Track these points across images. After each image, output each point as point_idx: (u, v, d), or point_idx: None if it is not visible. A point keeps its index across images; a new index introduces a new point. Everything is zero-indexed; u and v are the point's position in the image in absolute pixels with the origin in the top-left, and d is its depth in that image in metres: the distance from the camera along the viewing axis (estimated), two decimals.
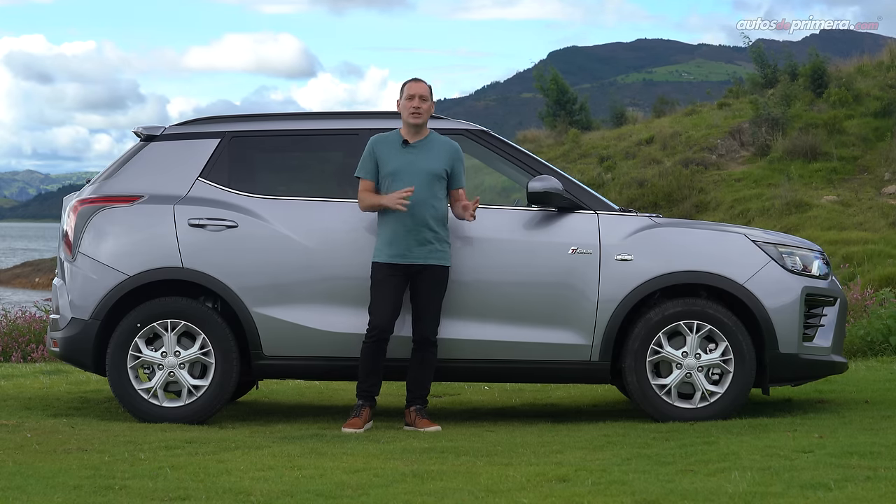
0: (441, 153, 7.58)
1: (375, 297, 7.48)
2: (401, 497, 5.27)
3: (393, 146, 7.56)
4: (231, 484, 5.56)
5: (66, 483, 5.57)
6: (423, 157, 7.54)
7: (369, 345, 7.48)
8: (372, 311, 7.48)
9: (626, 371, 7.63)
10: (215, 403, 7.73)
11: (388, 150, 7.53)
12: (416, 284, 7.50)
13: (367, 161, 7.54)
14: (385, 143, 7.56)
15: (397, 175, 7.48)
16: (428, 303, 7.50)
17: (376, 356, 7.50)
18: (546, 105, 43.37)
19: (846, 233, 25.09)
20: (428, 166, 7.52)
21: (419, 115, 7.53)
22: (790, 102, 31.67)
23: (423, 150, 7.56)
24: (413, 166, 7.50)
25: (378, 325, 7.46)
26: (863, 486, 5.25)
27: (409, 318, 7.59)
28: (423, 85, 7.60)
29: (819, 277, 7.86)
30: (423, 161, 7.53)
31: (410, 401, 7.61)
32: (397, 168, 7.49)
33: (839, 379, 9.37)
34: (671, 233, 7.83)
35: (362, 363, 7.52)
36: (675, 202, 29.69)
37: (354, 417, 7.48)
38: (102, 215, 7.88)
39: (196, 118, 8.28)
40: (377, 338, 7.47)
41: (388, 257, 7.45)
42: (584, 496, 5.22)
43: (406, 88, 7.60)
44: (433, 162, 7.54)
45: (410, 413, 7.60)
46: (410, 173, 7.49)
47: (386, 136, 7.62)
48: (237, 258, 7.73)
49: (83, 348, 7.80)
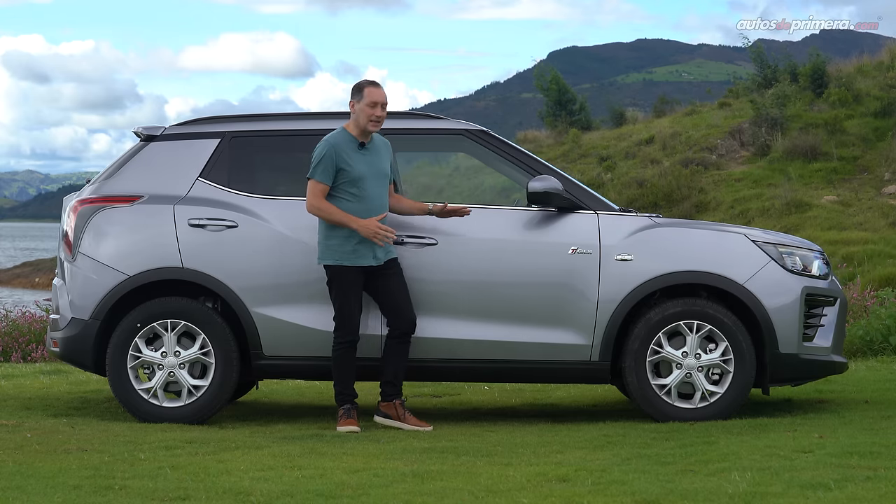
0: (384, 153, 7.61)
1: (346, 303, 7.45)
2: (401, 497, 5.27)
3: (352, 148, 7.48)
4: (231, 484, 5.56)
5: (66, 483, 5.57)
6: (377, 158, 7.55)
7: (343, 350, 7.48)
8: (344, 316, 7.45)
9: (626, 371, 7.63)
10: (215, 403, 7.73)
11: (349, 155, 7.45)
12: (383, 281, 7.49)
13: (329, 165, 7.41)
14: (344, 147, 7.45)
15: (365, 179, 7.45)
16: (404, 291, 7.52)
17: (351, 360, 7.51)
18: (546, 105, 43.40)
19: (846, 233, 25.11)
20: (383, 168, 7.56)
21: (379, 123, 7.50)
22: (786, 102, 31.68)
23: (374, 152, 7.56)
24: (374, 168, 7.50)
25: (352, 329, 7.46)
26: (863, 486, 5.25)
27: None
28: (384, 92, 7.54)
29: (819, 277, 7.86)
30: (378, 163, 7.54)
31: (393, 394, 7.58)
32: (363, 172, 7.45)
33: (839, 379, 9.37)
34: (671, 233, 7.82)
35: (341, 370, 7.51)
36: (675, 202, 29.71)
37: (348, 418, 7.47)
38: (102, 215, 7.88)
39: (196, 118, 8.28)
40: (350, 342, 7.48)
41: (356, 261, 7.43)
42: (584, 496, 5.22)
43: (367, 94, 7.48)
44: (384, 162, 7.58)
45: (395, 407, 7.57)
46: (374, 176, 7.49)
47: (339, 138, 7.49)
48: (237, 258, 7.73)
49: (83, 348, 7.80)
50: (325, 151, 7.43)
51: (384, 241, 7.37)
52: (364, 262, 7.44)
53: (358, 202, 7.45)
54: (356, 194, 7.45)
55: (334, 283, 7.48)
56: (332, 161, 7.42)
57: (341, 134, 7.53)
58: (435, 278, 7.65)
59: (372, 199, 7.47)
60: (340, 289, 7.47)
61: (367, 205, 7.46)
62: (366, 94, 7.50)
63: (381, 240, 7.35)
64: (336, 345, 7.49)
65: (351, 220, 7.38)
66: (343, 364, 7.50)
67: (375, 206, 7.47)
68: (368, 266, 7.46)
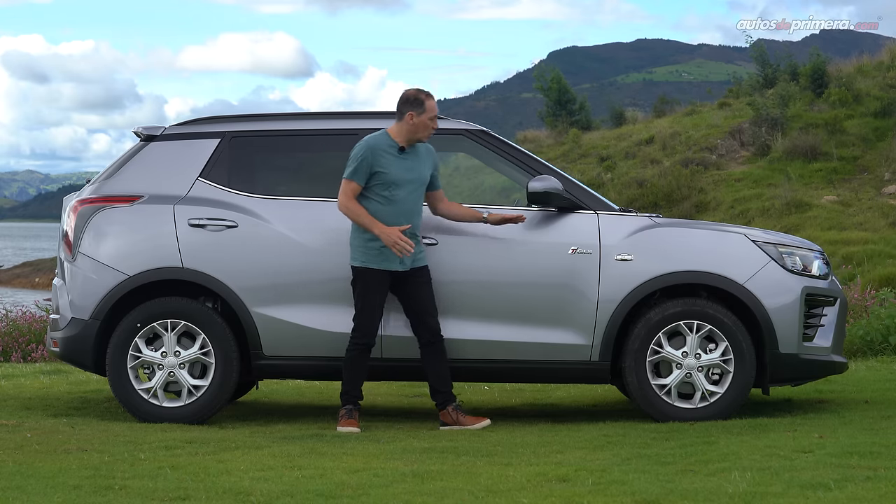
0: (426, 159, 7.59)
1: (367, 305, 7.44)
2: (401, 497, 5.27)
3: (389, 153, 7.48)
4: (231, 484, 5.56)
5: (66, 483, 5.57)
6: (416, 164, 7.54)
7: (358, 352, 7.48)
8: (363, 318, 7.45)
9: (626, 371, 7.63)
10: (215, 403, 7.73)
11: (387, 158, 7.45)
12: (409, 288, 7.50)
13: (363, 166, 7.42)
14: (383, 151, 7.45)
15: (399, 185, 7.45)
16: (429, 298, 7.51)
17: (364, 362, 7.51)
18: (546, 105, 43.41)
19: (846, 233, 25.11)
20: (422, 174, 7.54)
21: (433, 133, 7.58)
22: (787, 102, 31.68)
23: (414, 158, 7.55)
24: (411, 174, 7.49)
25: (369, 332, 7.46)
26: (863, 486, 5.25)
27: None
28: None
29: (819, 277, 7.86)
30: (417, 168, 7.52)
31: (444, 401, 7.58)
32: (398, 177, 7.44)
33: (839, 379, 9.37)
34: (671, 233, 7.82)
35: (351, 371, 7.50)
36: (675, 202, 29.71)
37: (349, 419, 7.47)
38: (102, 215, 7.88)
39: (196, 118, 8.28)
40: (366, 344, 7.47)
41: (381, 264, 7.43)
42: (584, 496, 5.22)
43: (429, 107, 7.49)
44: (424, 169, 7.56)
45: (450, 413, 7.57)
46: (410, 182, 7.48)
47: (379, 141, 7.49)
48: (237, 258, 7.73)
49: (83, 348, 7.80)
50: (363, 153, 7.43)
51: (401, 253, 7.36)
52: (390, 267, 7.43)
53: (389, 206, 7.44)
54: (388, 198, 7.44)
55: (358, 283, 7.47)
56: (367, 163, 7.42)
57: (382, 137, 7.51)
58: (435, 278, 7.64)
59: (403, 203, 7.45)
60: (363, 290, 7.46)
61: (398, 209, 7.44)
62: (427, 107, 7.49)
63: (399, 251, 7.34)
64: (351, 345, 7.48)
65: (374, 225, 7.37)
66: (354, 365, 7.50)
67: (406, 212, 7.46)
68: (396, 271, 7.46)
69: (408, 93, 7.58)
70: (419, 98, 7.51)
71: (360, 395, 7.55)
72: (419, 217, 7.55)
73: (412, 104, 7.50)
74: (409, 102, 7.51)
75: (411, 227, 7.47)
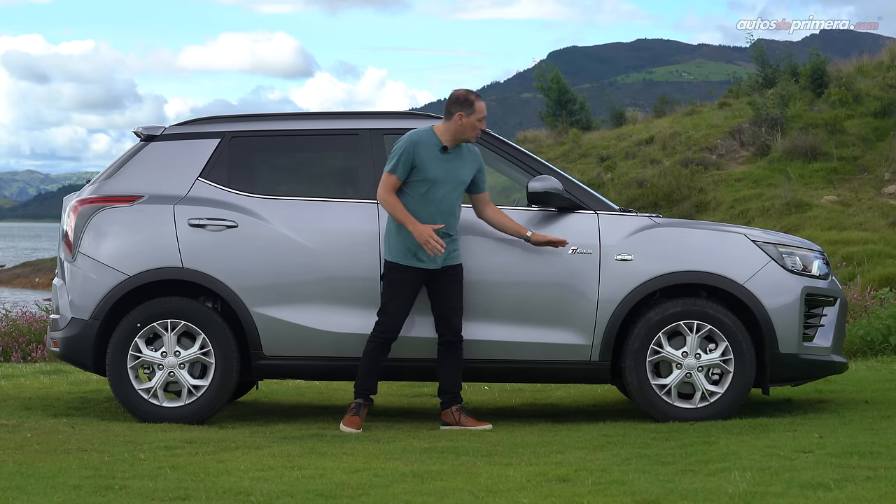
0: (469, 161, 7.57)
1: (394, 299, 7.44)
2: (401, 497, 5.27)
3: (433, 151, 7.45)
4: (231, 484, 5.56)
5: (66, 483, 5.57)
6: (458, 165, 7.51)
7: (377, 345, 7.46)
8: (388, 311, 7.44)
9: (626, 371, 7.63)
10: (215, 403, 7.73)
11: (429, 156, 7.43)
12: (439, 285, 7.49)
13: (405, 161, 7.40)
14: (425, 148, 7.43)
15: (437, 184, 7.44)
16: (456, 300, 7.51)
17: (382, 356, 7.50)
18: (546, 105, 43.42)
19: (846, 233, 25.11)
20: (462, 176, 7.52)
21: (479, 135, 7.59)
22: (787, 102, 31.68)
23: (457, 158, 7.52)
24: (451, 175, 7.47)
25: (392, 327, 7.45)
26: (863, 486, 5.25)
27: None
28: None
29: (819, 277, 7.86)
30: (458, 170, 7.50)
31: (449, 401, 7.58)
32: (438, 177, 7.43)
33: (839, 379, 9.37)
34: (671, 233, 7.82)
35: (366, 362, 7.50)
36: (675, 202, 29.71)
37: (355, 415, 7.47)
38: (102, 215, 7.88)
39: (196, 118, 8.28)
40: (387, 339, 7.46)
41: (415, 261, 7.43)
42: (584, 496, 5.22)
43: (479, 108, 7.48)
44: (465, 171, 7.53)
45: (453, 413, 7.57)
46: (449, 182, 7.46)
47: (423, 137, 7.47)
48: (237, 258, 7.73)
49: (83, 348, 7.80)
50: (405, 148, 7.42)
51: (431, 253, 7.35)
52: (421, 264, 7.43)
53: (425, 203, 7.43)
54: (424, 195, 7.43)
55: (388, 277, 7.47)
56: (409, 158, 7.41)
57: (427, 134, 7.50)
58: None
59: (439, 203, 7.44)
60: (392, 285, 7.46)
61: (433, 208, 7.43)
62: (477, 108, 7.48)
63: (430, 250, 7.33)
64: (372, 337, 7.47)
65: (409, 221, 7.37)
66: (371, 358, 7.48)
67: (442, 211, 7.45)
68: (432, 270, 7.45)
69: (457, 93, 7.57)
70: (469, 99, 7.51)
71: (372, 390, 7.54)
72: (455, 217, 7.52)
73: (462, 104, 7.49)
74: (458, 102, 7.50)
75: (445, 227, 7.45)
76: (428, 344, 7.60)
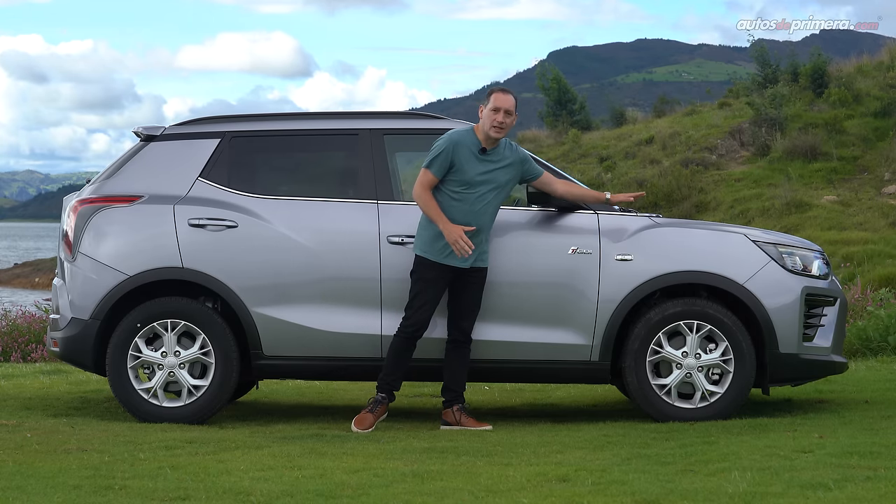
0: (510, 162, 7.53)
1: (422, 294, 7.42)
2: (401, 497, 5.27)
3: (471, 152, 7.42)
4: (231, 484, 5.56)
5: (66, 483, 5.57)
6: (496, 167, 7.48)
7: (404, 339, 7.45)
8: (416, 306, 7.42)
9: (626, 371, 7.63)
10: (215, 403, 7.73)
11: (467, 157, 7.41)
12: (461, 285, 7.48)
13: (443, 160, 7.38)
14: (464, 148, 7.41)
15: (473, 186, 7.42)
16: (475, 302, 7.51)
17: (408, 351, 7.48)
18: (546, 105, 43.43)
19: (846, 233, 25.11)
20: (501, 179, 7.49)
21: (502, 129, 7.45)
22: (784, 103, 31.67)
23: (495, 160, 7.49)
24: (486, 177, 7.44)
25: (420, 322, 7.42)
26: (863, 486, 5.25)
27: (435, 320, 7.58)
28: (510, 98, 7.48)
29: (819, 277, 7.86)
30: (496, 172, 7.47)
31: (452, 400, 7.58)
32: (474, 179, 7.41)
33: (839, 379, 9.37)
34: (671, 233, 7.83)
35: (392, 356, 7.47)
36: (675, 202, 29.71)
37: (368, 413, 7.46)
38: (102, 215, 7.88)
39: (196, 118, 8.28)
40: (413, 334, 7.45)
41: (445, 259, 7.41)
42: (584, 496, 5.22)
43: (493, 99, 7.46)
44: (501, 174, 7.50)
45: (454, 413, 7.56)
46: (484, 184, 7.44)
47: (463, 137, 7.44)
48: (237, 258, 7.73)
49: (83, 348, 7.80)
50: (445, 146, 7.41)
51: (459, 254, 7.34)
52: (450, 262, 7.41)
53: (459, 203, 7.41)
54: (459, 195, 7.42)
55: (417, 272, 7.46)
56: (447, 157, 7.39)
57: (467, 134, 7.49)
58: None
59: (473, 204, 7.42)
60: (420, 280, 7.44)
61: (467, 209, 7.41)
62: (492, 99, 7.46)
63: (459, 250, 7.32)
64: (398, 331, 7.46)
65: (440, 220, 7.36)
66: (397, 353, 7.46)
67: (475, 212, 7.42)
68: (460, 269, 7.43)
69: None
70: (490, 91, 7.55)
71: (395, 386, 7.52)
72: (489, 219, 7.49)
73: (485, 98, 7.52)
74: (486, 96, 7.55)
75: (477, 229, 7.43)
76: (428, 344, 7.60)
